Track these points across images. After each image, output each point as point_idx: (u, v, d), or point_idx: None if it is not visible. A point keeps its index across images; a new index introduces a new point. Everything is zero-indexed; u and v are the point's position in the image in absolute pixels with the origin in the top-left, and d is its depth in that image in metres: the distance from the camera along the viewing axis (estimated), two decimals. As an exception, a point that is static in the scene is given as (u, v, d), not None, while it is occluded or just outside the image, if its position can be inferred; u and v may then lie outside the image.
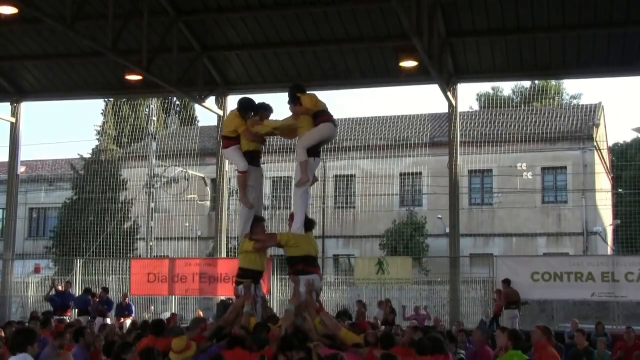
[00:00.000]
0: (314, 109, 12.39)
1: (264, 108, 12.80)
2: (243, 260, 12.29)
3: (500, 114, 41.41)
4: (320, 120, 12.32)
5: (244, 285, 12.03)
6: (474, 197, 38.15)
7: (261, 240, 12.27)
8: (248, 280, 12.07)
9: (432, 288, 28.11)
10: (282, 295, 24.57)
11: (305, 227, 12.30)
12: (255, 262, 12.26)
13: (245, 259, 12.25)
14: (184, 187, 37.19)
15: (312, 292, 11.87)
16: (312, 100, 12.46)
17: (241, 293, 12.04)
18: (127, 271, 26.72)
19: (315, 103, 12.48)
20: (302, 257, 12.09)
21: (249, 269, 12.20)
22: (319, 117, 12.37)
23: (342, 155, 36.95)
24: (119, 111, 44.61)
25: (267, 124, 12.60)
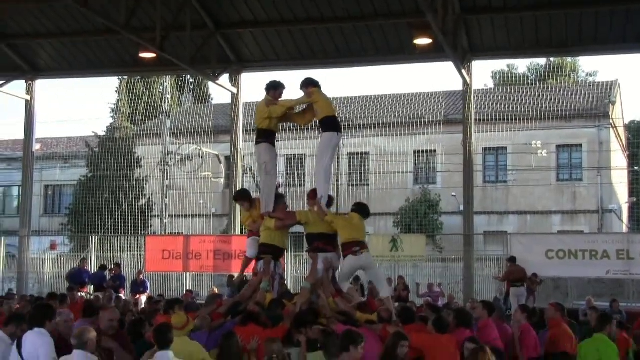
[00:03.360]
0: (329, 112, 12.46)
1: (275, 87, 12.83)
2: (265, 237, 12.38)
3: (515, 92, 41.21)
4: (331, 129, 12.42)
5: (264, 262, 12.11)
6: (489, 174, 38.05)
7: (282, 219, 12.36)
8: (268, 257, 12.16)
9: (446, 266, 28.16)
10: (296, 272, 24.73)
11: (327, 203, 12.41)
12: (277, 239, 12.35)
13: (267, 235, 12.34)
14: (198, 164, 37.27)
15: (329, 269, 11.96)
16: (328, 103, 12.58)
17: (260, 269, 12.13)
18: (142, 248, 26.91)
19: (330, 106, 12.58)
20: (320, 235, 12.17)
21: (271, 245, 12.28)
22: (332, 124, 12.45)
23: (356, 133, 36.84)
24: (133, 89, 44.58)
25: (282, 103, 12.66)
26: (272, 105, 12.60)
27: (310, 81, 12.63)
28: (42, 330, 8.58)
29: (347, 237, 11.88)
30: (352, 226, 12.00)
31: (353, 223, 12.06)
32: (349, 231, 11.88)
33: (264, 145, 12.81)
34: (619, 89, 40.28)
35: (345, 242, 11.90)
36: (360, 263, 12.02)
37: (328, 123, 12.42)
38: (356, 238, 11.91)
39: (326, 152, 12.48)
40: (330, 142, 12.49)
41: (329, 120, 12.44)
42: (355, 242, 11.85)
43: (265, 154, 12.84)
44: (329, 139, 12.45)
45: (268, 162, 12.83)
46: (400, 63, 26.18)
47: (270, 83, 12.92)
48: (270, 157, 12.86)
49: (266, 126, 12.72)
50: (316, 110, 12.52)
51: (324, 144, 12.48)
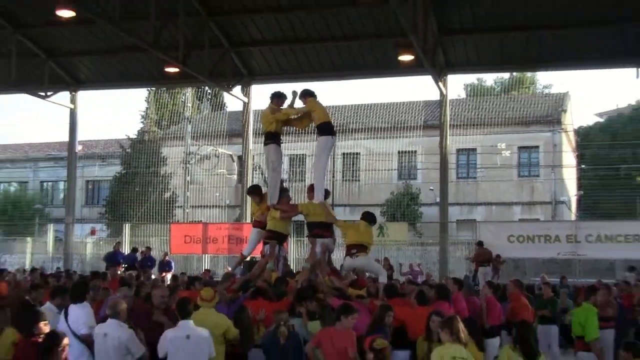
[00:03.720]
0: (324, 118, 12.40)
1: (278, 96, 12.82)
2: (271, 225, 12.37)
3: (483, 101, 41.19)
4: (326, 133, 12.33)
5: (270, 246, 12.12)
6: (461, 171, 38.00)
7: (285, 210, 12.34)
8: (274, 242, 12.15)
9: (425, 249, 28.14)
10: (298, 255, 24.70)
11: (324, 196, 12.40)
12: (281, 226, 12.34)
13: (272, 223, 12.33)
14: (215, 163, 37.28)
15: (325, 252, 11.95)
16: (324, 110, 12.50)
17: (267, 252, 12.13)
18: (167, 234, 26.90)
19: (326, 113, 12.51)
20: (319, 223, 12.15)
21: (276, 231, 12.27)
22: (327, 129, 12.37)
23: (349, 136, 36.86)
24: (160, 98, 44.57)
25: (284, 111, 12.65)
26: (277, 112, 12.59)
27: (307, 92, 12.60)
28: (83, 303, 8.63)
29: (349, 241, 11.85)
30: (357, 232, 11.94)
31: (359, 230, 11.99)
32: (352, 236, 11.83)
33: (272, 146, 12.81)
34: (570, 100, 40.23)
35: (348, 244, 11.87)
36: (355, 264, 11.96)
37: (324, 128, 12.40)
38: (358, 241, 11.82)
39: (322, 153, 12.46)
40: (326, 145, 12.47)
41: (325, 125, 12.41)
42: (356, 245, 11.76)
43: (273, 154, 12.83)
44: (325, 142, 12.42)
45: (275, 161, 12.84)
46: (387, 76, 26.18)
47: (274, 93, 12.92)
48: (276, 157, 12.87)
49: (273, 129, 12.72)
50: (313, 117, 12.49)
51: (321, 146, 12.45)
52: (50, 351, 6.38)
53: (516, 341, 7.80)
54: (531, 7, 20.21)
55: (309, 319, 9.32)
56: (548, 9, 20.19)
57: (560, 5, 19.95)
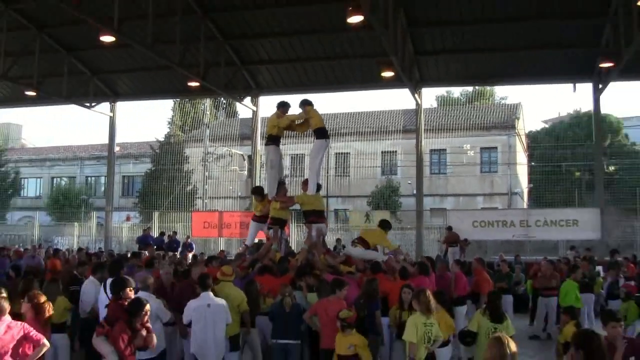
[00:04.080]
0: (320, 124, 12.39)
1: (283, 105, 12.79)
2: (273, 213, 12.38)
3: (452, 110, 41.23)
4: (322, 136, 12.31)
5: (273, 230, 12.13)
6: (434, 168, 38.05)
7: (284, 201, 12.35)
8: (276, 227, 12.16)
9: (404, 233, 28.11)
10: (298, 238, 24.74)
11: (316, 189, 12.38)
12: (282, 214, 12.36)
13: (274, 212, 12.34)
14: (228, 161, 37.27)
15: (320, 236, 11.96)
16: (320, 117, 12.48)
17: (271, 235, 12.15)
18: (189, 220, 26.91)
19: (321, 120, 12.50)
20: (313, 211, 12.17)
21: (277, 218, 12.29)
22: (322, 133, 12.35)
23: (341, 139, 36.83)
24: (183, 107, 44.50)
25: (287, 117, 12.62)
26: (281, 117, 12.57)
27: (306, 101, 12.58)
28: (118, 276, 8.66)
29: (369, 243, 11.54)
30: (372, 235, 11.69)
31: (375, 234, 11.73)
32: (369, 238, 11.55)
33: (272, 147, 12.76)
34: (522, 109, 40.26)
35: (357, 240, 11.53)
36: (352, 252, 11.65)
37: (320, 132, 12.39)
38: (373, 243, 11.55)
39: (317, 154, 12.44)
40: (321, 147, 12.45)
41: (320, 130, 12.41)
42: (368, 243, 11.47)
43: (272, 154, 12.79)
44: (320, 144, 12.41)
45: (273, 160, 12.79)
46: (371, 89, 26.14)
47: (280, 102, 12.88)
48: (275, 156, 12.80)
49: (275, 133, 12.67)
50: (310, 123, 12.46)
51: (316, 148, 12.43)
52: (136, 314, 6.47)
53: (488, 307, 7.90)
54: (491, 34, 20.30)
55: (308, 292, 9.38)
56: (505, 35, 20.32)
57: (513, 32, 20.04)
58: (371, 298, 8.80)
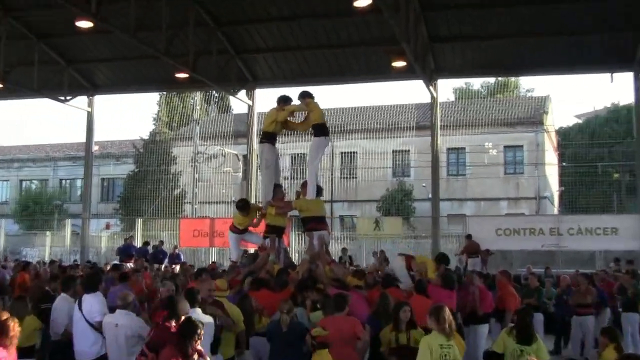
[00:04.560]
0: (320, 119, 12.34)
1: (284, 100, 12.76)
2: (269, 220, 12.33)
3: (471, 104, 41.17)
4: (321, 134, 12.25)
5: (270, 240, 12.07)
6: (451, 169, 37.96)
7: (281, 207, 12.30)
8: (273, 235, 12.10)
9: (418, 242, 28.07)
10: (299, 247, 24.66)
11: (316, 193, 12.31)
12: (278, 220, 12.29)
13: (270, 218, 12.29)
14: (221, 162, 37.26)
15: (323, 245, 11.87)
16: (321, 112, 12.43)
17: (267, 245, 12.08)
18: (177, 228, 26.86)
19: (322, 115, 12.45)
20: (313, 218, 12.11)
21: (273, 226, 12.23)
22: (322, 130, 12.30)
23: (347, 136, 36.84)
24: (170, 102, 44.54)
25: (287, 108, 12.60)
26: (280, 111, 12.54)
27: (307, 93, 12.57)
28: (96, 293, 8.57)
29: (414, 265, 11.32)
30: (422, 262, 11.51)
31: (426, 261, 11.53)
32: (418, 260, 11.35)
33: (267, 145, 12.74)
34: (551, 102, 40.18)
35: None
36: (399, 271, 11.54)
37: (319, 129, 12.36)
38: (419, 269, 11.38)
39: (317, 153, 12.40)
40: (320, 145, 12.42)
41: (320, 126, 12.37)
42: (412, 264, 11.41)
43: (267, 152, 12.76)
44: (319, 142, 12.37)
45: (269, 159, 12.78)
46: (381, 81, 26.08)
47: (282, 97, 12.86)
48: (270, 155, 12.79)
49: (271, 129, 12.64)
50: (309, 117, 12.42)
51: (315, 146, 12.40)
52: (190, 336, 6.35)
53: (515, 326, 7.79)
54: (515, 17, 20.18)
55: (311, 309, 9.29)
56: (531, 19, 20.16)
57: (542, 15, 19.90)
58: (385, 316, 8.69)
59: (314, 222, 12.04)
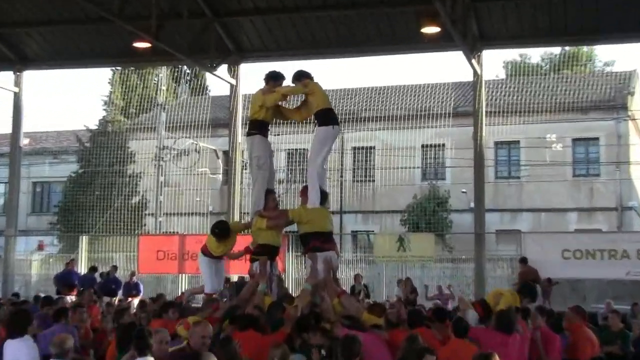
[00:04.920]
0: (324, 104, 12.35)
1: (274, 77, 12.76)
2: (257, 236, 12.31)
3: (528, 83, 41.15)
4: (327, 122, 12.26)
5: (259, 262, 12.04)
6: (501, 170, 37.96)
7: (272, 218, 12.28)
8: (264, 257, 12.08)
9: (456, 266, 28.09)
10: (298, 273, 24.67)
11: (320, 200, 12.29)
12: (270, 237, 12.27)
13: (259, 235, 12.28)
14: (195, 160, 37.28)
15: (330, 270, 11.84)
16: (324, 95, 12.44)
17: (256, 271, 12.06)
18: (135, 248, 26.85)
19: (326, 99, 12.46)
20: (316, 234, 12.08)
21: (265, 245, 12.21)
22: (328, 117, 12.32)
23: (361, 126, 36.78)
24: (127, 80, 44.64)
25: (278, 90, 12.59)
26: (268, 93, 12.52)
27: (303, 73, 12.57)
28: (24, 337, 8.55)
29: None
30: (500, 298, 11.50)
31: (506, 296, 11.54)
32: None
33: (257, 138, 12.72)
34: (638, 80, 40.08)
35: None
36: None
37: (324, 116, 12.35)
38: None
39: (321, 147, 12.38)
40: (326, 137, 12.40)
41: (325, 113, 12.36)
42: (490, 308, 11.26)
43: (257, 147, 12.74)
44: (325, 134, 12.36)
45: (261, 157, 12.73)
46: (407, 52, 26.14)
47: (270, 73, 12.85)
48: (263, 151, 12.76)
49: (261, 117, 12.63)
50: (311, 102, 12.43)
51: (319, 138, 12.39)
52: None
53: None
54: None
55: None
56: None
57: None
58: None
59: (317, 240, 12.02)
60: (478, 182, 23.49)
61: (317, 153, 12.39)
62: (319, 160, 12.38)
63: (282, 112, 13.20)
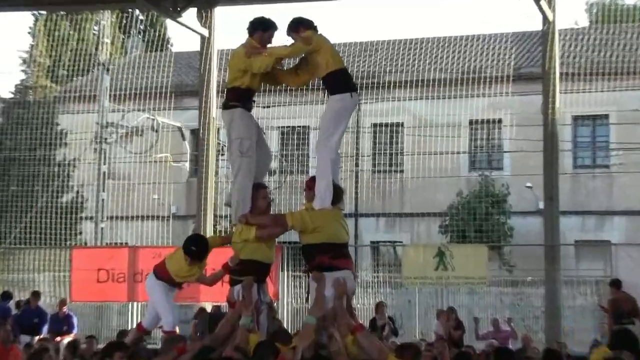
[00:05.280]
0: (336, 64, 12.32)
1: (262, 26, 12.67)
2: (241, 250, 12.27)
3: (621, 33, 41.10)
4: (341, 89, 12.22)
5: (242, 286, 12.02)
6: (581, 156, 38.01)
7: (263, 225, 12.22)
8: (249, 278, 12.05)
9: (519, 291, 28.16)
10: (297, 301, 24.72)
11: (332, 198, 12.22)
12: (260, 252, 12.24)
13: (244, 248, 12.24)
14: (152, 141, 37.27)
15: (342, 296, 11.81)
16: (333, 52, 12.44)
17: (238, 298, 12.04)
18: (67, 266, 26.94)
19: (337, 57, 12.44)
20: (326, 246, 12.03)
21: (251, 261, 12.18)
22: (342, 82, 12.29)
23: (384, 94, 36.78)
24: (55, 30, 44.64)
25: (270, 51, 12.45)
26: (255, 55, 12.41)
27: (302, 21, 12.48)
28: None
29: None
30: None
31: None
32: None
33: (237, 112, 12.63)
34: None
35: None
36: None
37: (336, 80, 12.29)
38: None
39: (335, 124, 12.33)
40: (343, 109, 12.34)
41: (338, 76, 12.31)
42: None
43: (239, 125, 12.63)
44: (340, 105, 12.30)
45: (244, 138, 12.64)
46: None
47: (257, 20, 12.77)
48: (246, 130, 12.66)
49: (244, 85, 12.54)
50: (317, 63, 12.38)
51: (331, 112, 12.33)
52: None
53: None
54: None
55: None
56: None
57: None
58: None
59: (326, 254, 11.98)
60: (549, 173, 23.57)
61: (329, 131, 12.31)
62: (332, 142, 12.30)
63: (273, 76, 13.11)
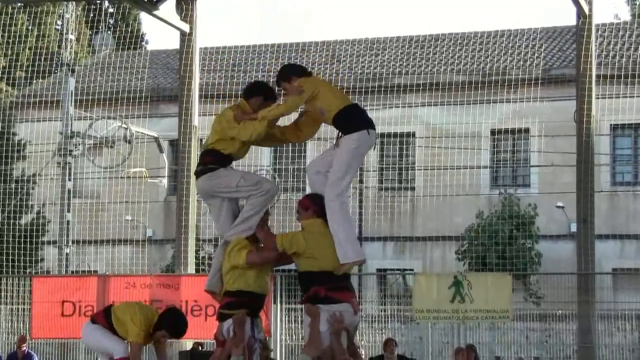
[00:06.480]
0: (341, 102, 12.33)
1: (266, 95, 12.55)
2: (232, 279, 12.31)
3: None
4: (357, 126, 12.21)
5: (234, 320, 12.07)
6: (621, 171, 38.11)
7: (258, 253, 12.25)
8: (241, 312, 12.10)
9: (548, 327, 28.22)
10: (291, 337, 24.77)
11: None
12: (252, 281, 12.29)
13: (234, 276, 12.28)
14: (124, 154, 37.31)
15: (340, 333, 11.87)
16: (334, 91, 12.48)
17: (228, 335, 12.10)
18: (27, 297, 26.95)
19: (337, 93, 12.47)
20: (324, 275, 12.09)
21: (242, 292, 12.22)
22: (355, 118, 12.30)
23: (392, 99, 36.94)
24: (12, 25, 44.70)
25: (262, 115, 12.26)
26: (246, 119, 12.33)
27: (292, 70, 12.42)
28: None
29: None
30: None
31: None
32: None
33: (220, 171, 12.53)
34: None
35: None
36: None
37: (347, 119, 12.20)
38: None
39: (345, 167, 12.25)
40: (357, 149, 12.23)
41: (347, 114, 12.22)
42: None
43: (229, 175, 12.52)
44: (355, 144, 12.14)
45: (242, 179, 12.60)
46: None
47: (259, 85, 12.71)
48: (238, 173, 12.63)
49: (228, 151, 12.43)
50: (319, 109, 12.33)
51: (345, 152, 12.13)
52: None
53: None
54: None
55: None
56: None
57: None
58: None
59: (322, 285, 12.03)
60: (584, 191, 23.60)
61: (340, 174, 12.25)
62: (342, 186, 12.22)
63: (271, 137, 12.99)
